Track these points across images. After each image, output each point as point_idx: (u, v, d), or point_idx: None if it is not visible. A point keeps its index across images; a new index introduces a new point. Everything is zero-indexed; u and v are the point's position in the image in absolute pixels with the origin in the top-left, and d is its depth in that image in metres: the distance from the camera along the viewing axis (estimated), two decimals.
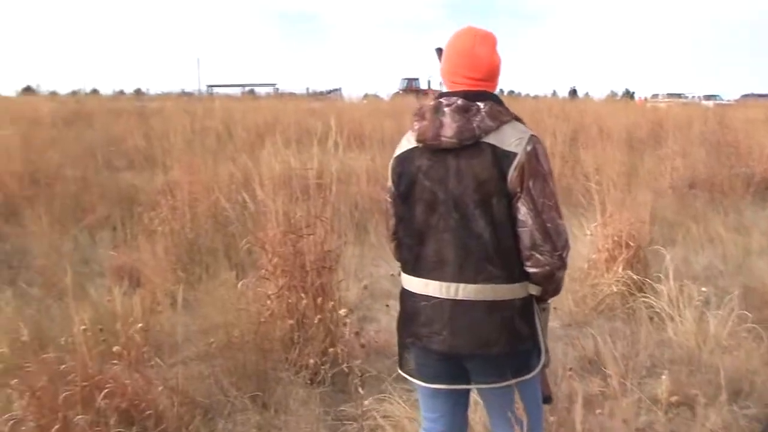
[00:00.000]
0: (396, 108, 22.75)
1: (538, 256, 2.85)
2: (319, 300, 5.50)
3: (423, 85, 56.47)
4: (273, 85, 58.66)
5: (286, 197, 5.89)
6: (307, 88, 58.19)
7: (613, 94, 48.92)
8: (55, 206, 8.79)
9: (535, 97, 39.14)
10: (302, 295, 5.53)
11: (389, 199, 3.15)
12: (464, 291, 2.88)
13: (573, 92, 56.28)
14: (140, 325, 5.02)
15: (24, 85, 43.38)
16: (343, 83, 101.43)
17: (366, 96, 41.87)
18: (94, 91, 44.90)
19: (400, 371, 3.20)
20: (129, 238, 7.87)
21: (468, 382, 3.07)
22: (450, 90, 3.01)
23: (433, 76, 55.72)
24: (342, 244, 6.35)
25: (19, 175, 10.38)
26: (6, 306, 5.70)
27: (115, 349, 4.67)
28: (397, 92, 50.34)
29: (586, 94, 52.04)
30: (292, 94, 43.74)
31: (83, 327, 4.47)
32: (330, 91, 56.35)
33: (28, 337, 4.74)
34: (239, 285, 5.91)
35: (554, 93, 49.01)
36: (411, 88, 54.75)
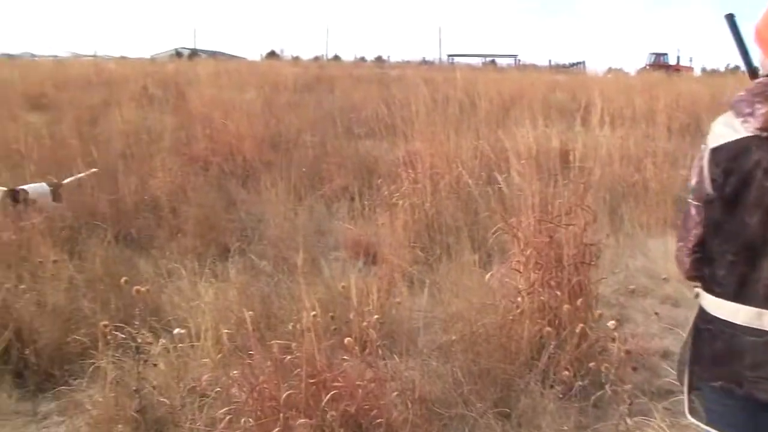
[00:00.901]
0: (645, 83, 21.29)
1: None
2: (579, 301, 4.74)
3: (671, 61, 53.55)
4: (514, 56, 57.34)
5: (542, 180, 5.18)
6: (549, 61, 56.50)
7: None
8: (291, 173, 8.51)
9: None
10: (557, 293, 4.80)
11: (695, 203, 2.33)
12: None
13: None
14: (376, 316, 4.43)
15: (268, 50, 44.64)
16: (586, 56, 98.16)
17: (609, 70, 40.00)
18: (336, 58, 45.55)
19: (689, 416, 2.39)
20: (367, 210, 7.41)
21: None
22: None
23: (683, 51, 52.74)
24: (604, 237, 5.54)
25: (259, 140, 10.21)
26: (235, 279, 5.32)
27: (347, 341, 4.10)
28: (644, 67, 47.82)
29: None
30: (533, 66, 42.53)
31: (313, 313, 3.98)
32: (573, 64, 54.45)
33: (254, 318, 4.32)
34: (487, 277, 5.21)
35: None
36: (659, 63, 51.94)
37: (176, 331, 4.06)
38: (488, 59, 55.52)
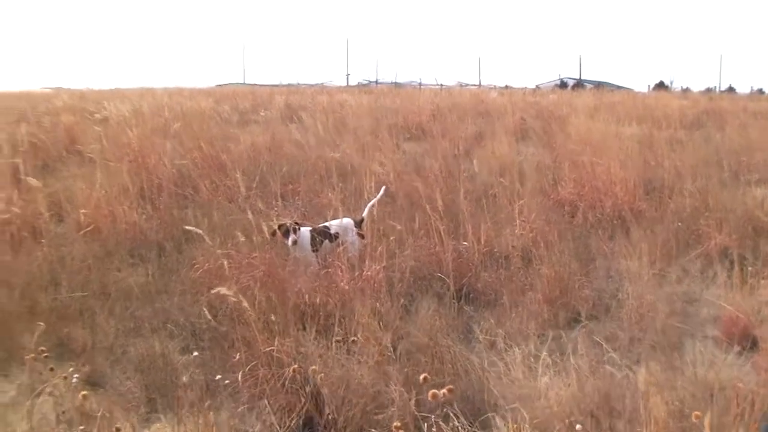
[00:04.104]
0: None
1: None
2: None
3: None
4: None
5: None
6: None
7: None
8: (665, 227, 7.52)
9: None
10: None
11: None
12: None
13: None
14: None
15: (657, 81, 42.33)
16: None
17: None
18: (730, 89, 42.18)
19: None
20: (749, 280, 6.23)
21: None
22: None
23: None
24: None
25: (632, 184, 9.18)
26: (576, 365, 4.54)
27: None
28: None
29: None
30: None
31: None
32: None
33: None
34: None
35: None
36: None
37: None
38: None
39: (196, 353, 4.88)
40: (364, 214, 7.24)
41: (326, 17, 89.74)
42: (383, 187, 7.70)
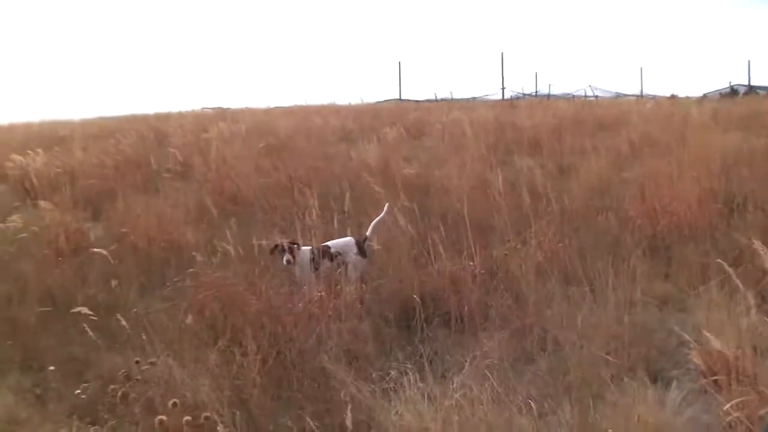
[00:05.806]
0: None
1: None
2: None
3: None
4: None
5: None
6: None
7: None
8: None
9: None
10: None
11: None
12: None
13: None
14: None
15: None
16: None
17: None
18: None
19: None
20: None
21: None
22: None
23: None
24: None
25: (705, 198, 8.34)
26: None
27: None
28: None
29: None
30: None
31: None
32: None
33: None
34: None
35: None
36: None
37: None
38: None
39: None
40: (368, 232, 7.05)
41: (482, 30, 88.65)
42: (387, 205, 7.45)
